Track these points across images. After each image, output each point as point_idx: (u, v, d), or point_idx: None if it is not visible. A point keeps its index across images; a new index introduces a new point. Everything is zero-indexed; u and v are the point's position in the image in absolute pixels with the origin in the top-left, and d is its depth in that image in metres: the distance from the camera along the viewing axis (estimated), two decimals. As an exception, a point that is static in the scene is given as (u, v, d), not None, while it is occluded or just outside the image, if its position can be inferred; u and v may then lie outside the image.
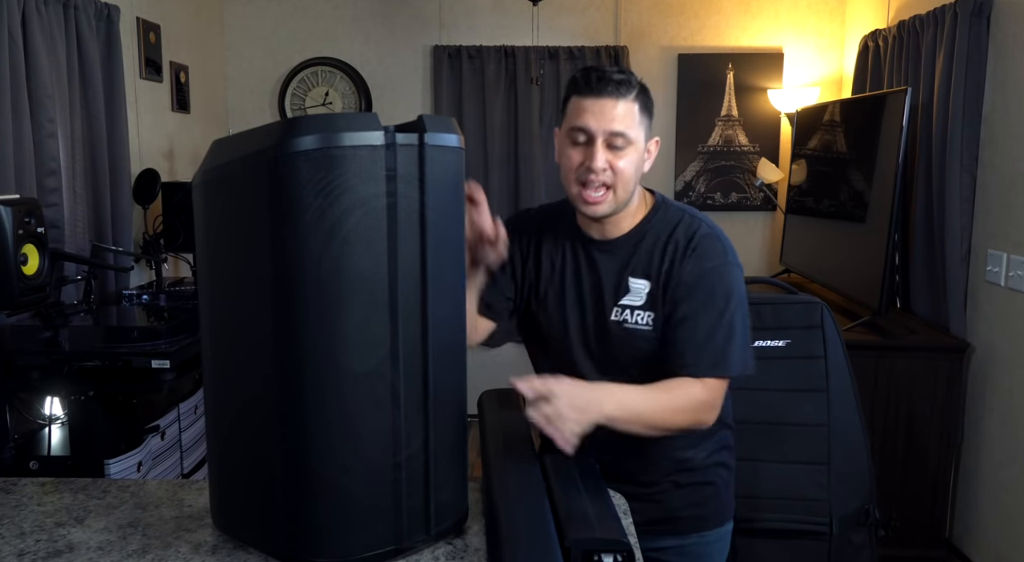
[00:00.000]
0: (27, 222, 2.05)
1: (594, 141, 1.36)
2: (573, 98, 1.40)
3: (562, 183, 1.43)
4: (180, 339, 2.33)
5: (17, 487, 1.34)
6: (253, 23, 4.34)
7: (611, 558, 1.01)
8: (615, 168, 1.36)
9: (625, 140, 1.36)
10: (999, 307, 2.72)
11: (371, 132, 0.96)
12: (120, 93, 2.98)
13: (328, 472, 1.00)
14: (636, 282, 1.42)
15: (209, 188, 1.07)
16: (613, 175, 1.37)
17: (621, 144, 1.36)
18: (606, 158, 1.36)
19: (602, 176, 1.36)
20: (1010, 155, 2.66)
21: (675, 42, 4.31)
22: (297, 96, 4.36)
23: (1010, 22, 2.68)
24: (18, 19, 2.43)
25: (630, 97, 1.36)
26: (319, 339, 0.97)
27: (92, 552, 1.11)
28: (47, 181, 2.55)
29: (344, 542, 1.02)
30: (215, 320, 1.10)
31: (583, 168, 1.37)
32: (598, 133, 1.36)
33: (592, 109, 1.36)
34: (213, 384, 1.13)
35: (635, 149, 1.38)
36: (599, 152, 1.35)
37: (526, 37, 4.23)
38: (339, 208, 0.95)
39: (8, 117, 2.38)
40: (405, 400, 1.02)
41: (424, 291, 1.02)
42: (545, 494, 1.16)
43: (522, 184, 4.28)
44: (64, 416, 2.32)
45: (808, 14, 4.26)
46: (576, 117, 1.38)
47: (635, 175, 1.39)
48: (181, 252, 3.35)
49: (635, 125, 1.37)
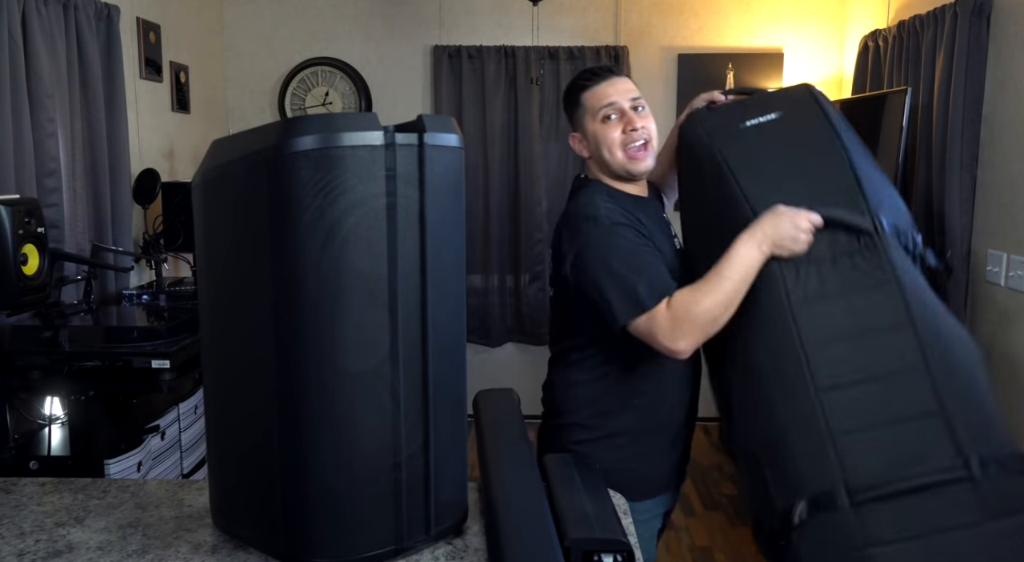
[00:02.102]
0: (27, 222, 2.05)
1: (624, 111, 1.62)
2: (586, 93, 1.64)
3: (607, 163, 1.63)
4: (180, 339, 2.33)
5: (17, 487, 1.34)
6: (253, 23, 4.34)
7: (611, 558, 1.01)
8: (647, 127, 1.62)
9: (642, 103, 1.65)
10: (999, 307, 2.72)
11: (371, 132, 0.96)
12: (120, 93, 2.98)
13: (328, 472, 1.00)
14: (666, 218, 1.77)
15: (209, 188, 1.07)
16: (649, 132, 1.63)
17: (641, 107, 1.64)
18: (639, 120, 1.61)
19: (642, 133, 1.61)
20: (1010, 155, 2.66)
21: (675, 42, 4.30)
22: (297, 96, 4.36)
23: (1010, 22, 2.68)
24: (18, 19, 2.43)
25: (625, 76, 1.67)
26: (319, 339, 0.98)
27: (92, 552, 1.11)
28: (47, 181, 2.55)
29: (344, 542, 1.02)
30: (215, 320, 1.10)
31: (625, 135, 1.61)
32: (625, 101, 1.62)
33: (609, 89, 1.63)
34: (213, 384, 1.13)
35: (650, 112, 1.66)
36: (633, 116, 1.61)
37: (526, 37, 4.23)
38: (339, 208, 0.95)
39: (8, 117, 2.38)
40: (405, 400, 1.02)
41: (424, 291, 1.02)
42: (545, 494, 1.16)
43: (522, 184, 4.28)
44: (64, 416, 2.31)
45: (808, 14, 4.26)
46: (600, 100, 1.62)
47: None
48: (181, 252, 3.35)
49: (640, 94, 1.66)
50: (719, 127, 1.63)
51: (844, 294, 1.42)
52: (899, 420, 1.32)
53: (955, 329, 1.43)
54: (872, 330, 1.39)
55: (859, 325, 1.39)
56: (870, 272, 1.42)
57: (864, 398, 1.34)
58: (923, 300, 1.42)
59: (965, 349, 1.42)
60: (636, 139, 1.60)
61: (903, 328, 1.38)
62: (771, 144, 1.59)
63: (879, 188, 1.54)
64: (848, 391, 1.35)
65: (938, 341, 1.37)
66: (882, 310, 1.39)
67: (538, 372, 1.86)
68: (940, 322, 1.41)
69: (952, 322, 1.44)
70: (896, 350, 1.36)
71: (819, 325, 1.40)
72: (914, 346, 1.36)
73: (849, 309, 1.41)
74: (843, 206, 1.48)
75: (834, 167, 1.54)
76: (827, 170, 1.54)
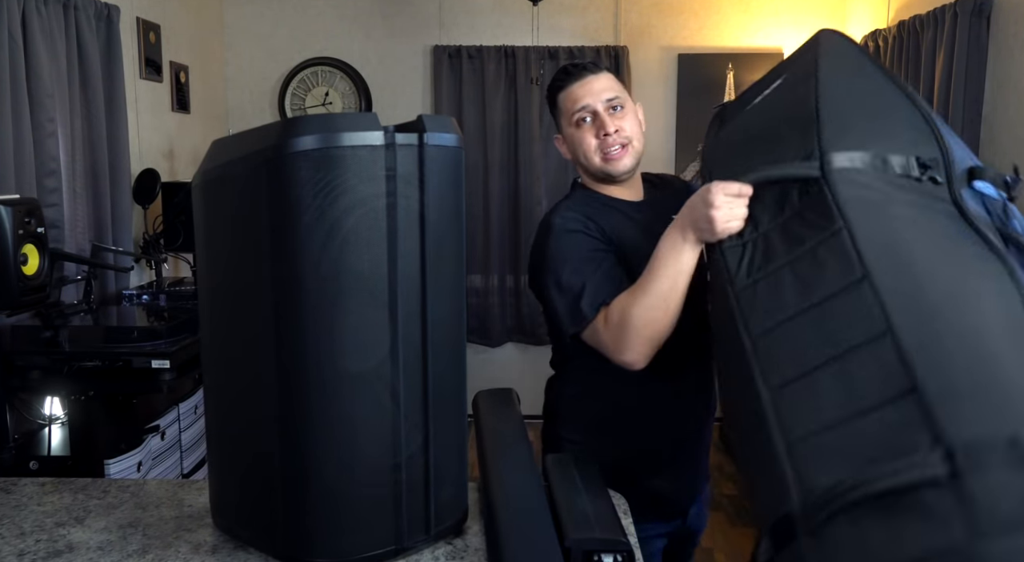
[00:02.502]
0: (27, 222, 2.05)
1: (598, 113, 1.53)
2: (561, 94, 1.58)
3: (585, 167, 1.58)
4: (180, 339, 2.33)
5: (17, 487, 1.34)
6: (253, 23, 4.34)
7: (611, 558, 1.01)
8: (622, 128, 1.54)
9: (620, 101, 1.55)
10: (999, 307, 2.71)
11: (371, 132, 0.96)
12: (120, 93, 2.98)
13: (328, 472, 1.00)
14: None
15: (209, 188, 1.07)
16: (626, 134, 1.54)
17: (618, 106, 1.55)
18: (614, 123, 1.53)
19: (618, 138, 1.53)
20: (1010, 155, 2.66)
21: (675, 42, 4.31)
22: (297, 96, 4.36)
23: (1010, 22, 2.68)
24: (18, 19, 2.43)
25: (603, 72, 1.57)
26: (319, 339, 0.97)
27: (92, 552, 1.11)
28: (47, 181, 2.55)
29: (344, 542, 1.02)
30: (215, 320, 1.10)
31: (600, 140, 1.54)
32: (598, 104, 1.54)
33: (581, 91, 1.55)
34: (213, 384, 1.13)
35: (631, 109, 1.58)
36: (607, 119, 1.53)
37: (526, 37, 4.23)
38: (339, 208, 0.95)
39: (8, 117, 2.38)
40: (405, 400, 1.02)
41: (424, 291, 1.02)
42: (545, 494, 1.16)
43: (522, 184, 4.28)
44: (64, 416, 2.32)
45: (808, 14, 4.26)
46: (573, 103, 1.55)
47: (640, 129, 1.59)
48: (181, 252, 3.35)
49: (620, 90, 1.57)
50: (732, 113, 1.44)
51: (790, 264, 1.09)
52: (861, 411, 0.95)
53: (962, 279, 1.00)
54: (823, 299, 1.03)
55: (807, 296, 1.04)
56: (817, 227, 1.07)
57: (820, 390, 1.00)
58: (897, 244, 1.03)
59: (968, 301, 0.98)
60: (610, 144, 1.53)
61: (856, 287, 1.00)
62: (758, 115, 1.36)
63: (857, 115, 1.20)
64: (802, 385, 1.01)
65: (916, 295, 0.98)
66: (829, 269, 1.04)
67: (538, 372, 1.86)
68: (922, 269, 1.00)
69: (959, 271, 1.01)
70: (852, 318, 0.99)
71: (765, 308, 1.09)
72: (874, 309, 0.98)
73: (795, 280, 1.07)
74: (795, 151, 1.17)
75: (798, 109, 1.23)
76: (790, 118, 1.24)
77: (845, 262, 1.02)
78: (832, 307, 1.02)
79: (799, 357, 1.02)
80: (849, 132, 1.15)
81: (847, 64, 1.32)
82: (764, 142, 1.26)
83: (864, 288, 0.99)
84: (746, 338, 1.08)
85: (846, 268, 1.02)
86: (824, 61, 1.30)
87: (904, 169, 1.11)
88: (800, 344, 1.03)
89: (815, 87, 1.23)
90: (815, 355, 1.01)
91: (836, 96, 1.22)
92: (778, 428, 1.00)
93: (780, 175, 1.16)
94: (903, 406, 0.92)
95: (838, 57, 1.33)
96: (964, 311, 0.97)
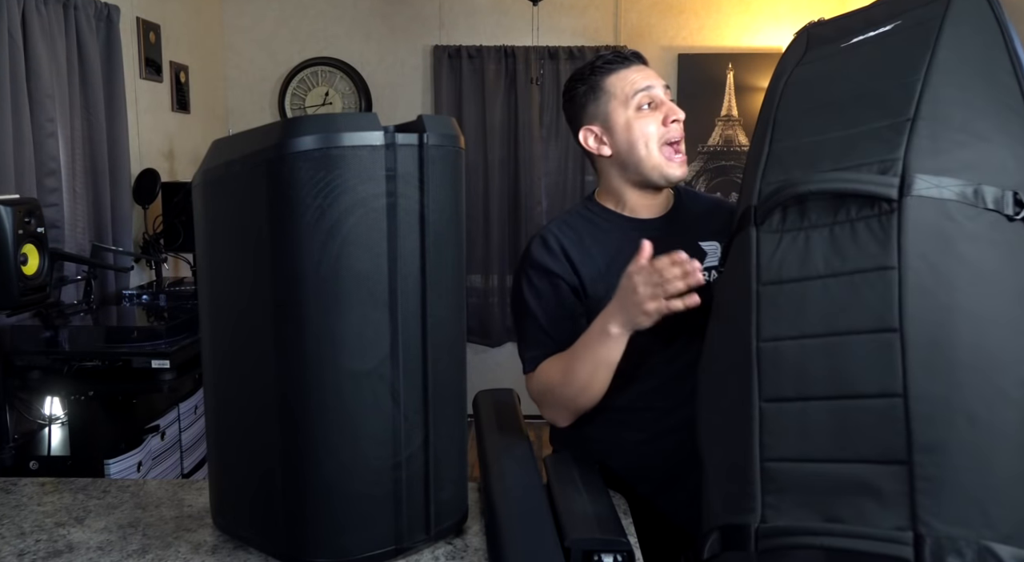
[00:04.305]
0: (27, 222, 2.05)
1: (663, 100, 1.38)
2: (611, 77, 1.39)
3: (637, 162, 1.38)
4: (180, 339, 2.33)
5: (17, 487, 1.34)
6: (253, 23, 4.34)
7: (611, 558, 1.01)
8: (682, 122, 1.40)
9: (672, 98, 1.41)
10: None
11: (371, 132, 0.96)
12: (120, 93, 2.98)
13: (328, 472, 1.00)
14: (708, 245, 1.41)
15: (209, 188, 1.07)
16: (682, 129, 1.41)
17: (675, 100, 1.41)
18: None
19: (680, 129, 1.39)
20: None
21: (675, 42, 4.31)
22: (297, 96, 4.36)
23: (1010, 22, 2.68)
24: (18, 19, 2.43)
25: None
26: (319, 339, 0.97)
27: (92, 552, 1.11)
28: (47, 181, 2.55)
29: (344, 542, 1.02)
30: (215, 320, 1.10)
31: (665, 128, 1.37)
32: (660, 87, 1.39)
33: (640, 74, 1.39)
34: (213, 384, 1.13)
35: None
36: (673, 105, 1.38)
37: (526, 37, 4.23)
38: (339, 208, 0.95)
39: (8, 117, 2.38)
40: (405, 400, 1.02)
41: (424, 291, 1.02)
42: (545, 494, 1.16)
43: (522, 184, 4.28)
44: (64, 416, 2.31)
45: (808, 14, 4.24)
46: (632, 85, 1.38)
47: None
48: (181, 252, 3.35)
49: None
50: (817, 45, 1.23)
51: (824, 278, 0.99)
52: (847, 459, 0.93)
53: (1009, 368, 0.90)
54: (847, 331, 0.96)
55: (831, 323, 0.97)
56: (867, 253, 0.96)
57: (810, 420, 0.96)
58: (951, 303, 0.92)
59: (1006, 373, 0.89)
60: (675, 135, 1.37)
61: (885, 336, 0.93)
62: (850, 67, 1.15)
63: (963, 129, 1.00)
64: (796, 408, 0.97)
65: (946, 367, 0.90)
66: (863, 305, 0.95)
67: (538, 372, 1.85)
68: (965, 337, 0.91)
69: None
70: (868, 366, 0.93)
71: (784, 316, 1.01)
72: (895, 365, 0.91)
73: (825, 297, 0.98)
74: (875, 152, 1.01)
75: (898, 88, 1.04)
76: (884, 97, 1.06)
77: (883, 306, 0.93)
78: (852, 346, 0.95)
79: (802, 380, 0.98)
80: (946, 150, 0.98)
81: (977, 43, 1.07)
82: (844, 119, 1.08)
83: (893, 341, 0.92)
84: (754, 338, 1.02)
85: (882, 312, 0.93)
86: (950, 28, 1.06)
87: (997, 204, 0.95)
88: (807, 367, 0.98)
89: (927, 66, 1.03)
90: (820, 385, 0.96)
91: (946, 92, 1.02)
92: (757, 439, 0.98)
93: (846, 188, 1.00)
94: (890, 473, 0.90)
95: (970, 30, 1.08)
96: (998, 385, 0.90)
